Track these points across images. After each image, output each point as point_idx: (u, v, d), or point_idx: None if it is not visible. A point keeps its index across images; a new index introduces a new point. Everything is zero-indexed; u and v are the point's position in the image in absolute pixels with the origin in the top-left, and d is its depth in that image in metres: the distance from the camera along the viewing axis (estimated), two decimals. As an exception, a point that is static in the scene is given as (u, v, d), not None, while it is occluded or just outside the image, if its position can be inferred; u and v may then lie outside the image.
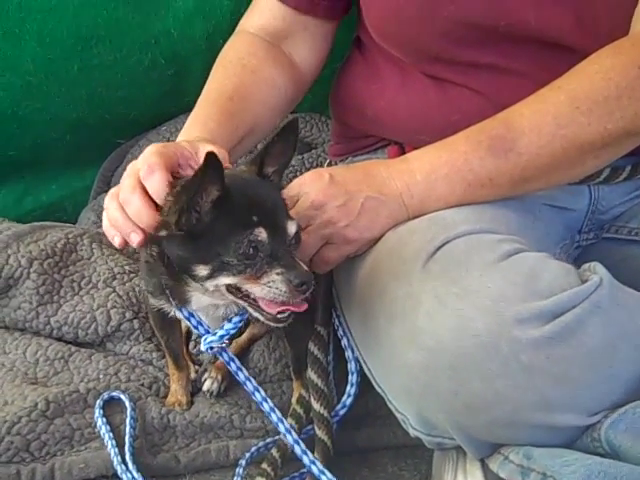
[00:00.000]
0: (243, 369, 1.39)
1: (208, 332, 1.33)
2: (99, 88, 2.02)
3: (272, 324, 1.22)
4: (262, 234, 1.15)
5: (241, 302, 1.22)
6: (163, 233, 1.19)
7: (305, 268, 1.16)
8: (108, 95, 2.04)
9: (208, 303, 1.29)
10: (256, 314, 1.21)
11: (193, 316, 1.34)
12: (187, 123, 1.46)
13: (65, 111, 2.04)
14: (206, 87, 1.57)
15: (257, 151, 1.27)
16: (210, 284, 1.19)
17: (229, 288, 1.19)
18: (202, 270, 1.17)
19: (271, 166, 1.26)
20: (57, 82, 1.97)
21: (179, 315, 1.37)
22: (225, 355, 1.37)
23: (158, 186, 1.19)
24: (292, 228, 1.19)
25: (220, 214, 1.15)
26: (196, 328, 1.35)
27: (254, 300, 1.19)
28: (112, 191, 1.25)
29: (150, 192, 1.19)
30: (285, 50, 1.68)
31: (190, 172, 1.22)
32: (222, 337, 1.31)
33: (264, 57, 1.62)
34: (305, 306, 1.18)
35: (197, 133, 1.38)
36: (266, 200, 1.19)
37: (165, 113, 2.17)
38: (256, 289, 1.16)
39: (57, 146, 2.11)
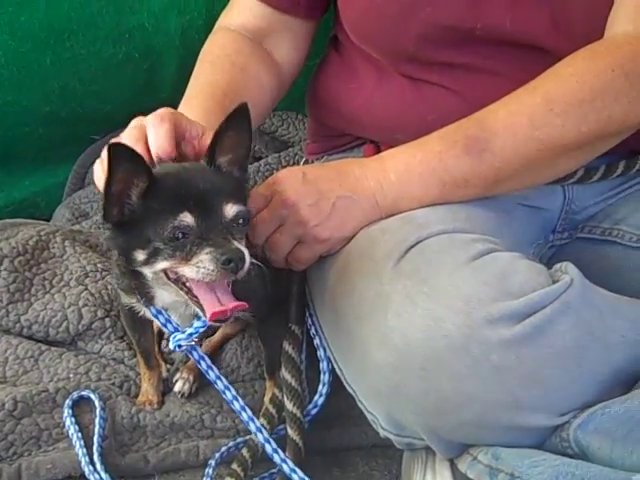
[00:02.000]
0: (213, 367, 1.37)
1: (177, 330, 1.32)
2: (72, 81, 2.00)
3: (207, 322, 1.20)
4: (187, 218, 1.14)
5: (181, 292, 1.21)
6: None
7: (237, 246, 1.14)
8: (81, 89, 2.02)
9: (172, 300, 1.28)
10: (196, 308, 1.21)
11: (161, 314, 1.32)
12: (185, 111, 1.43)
13: (38, 104, 2.02)
14: (195, 81, 1.56)
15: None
16: (148, 270, 1.20)
17: (168, 276, 1.19)
18: (140, 255, 1.18)
19: (224, 155, 1.24)
20: (29, 75, 1.96)
21: (148, 314, 1.35)
22: (195, 354, 1.36)
23: (163, 140, 1.21)
24: (231, 210, 1.17)
25: (150, 202, 1.16)
26: (164, 326, 1.33)
27: (191, 289, 1.18)
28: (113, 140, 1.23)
29: (153, 143, 1.21)
30: (267, 48, 1.67)
31: (189, 150, 1.26)
32: (191, 335, 1.29)
33: (250, 55, 1.62)
34: (235, 304, 1.16)
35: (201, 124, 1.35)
36: (197, 183, 1.18)
37: (139, 108, 2.11)
38: (186, 270, 1.15)
39: (30, 140, 2.09)
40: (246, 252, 1.15)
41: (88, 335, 1.66)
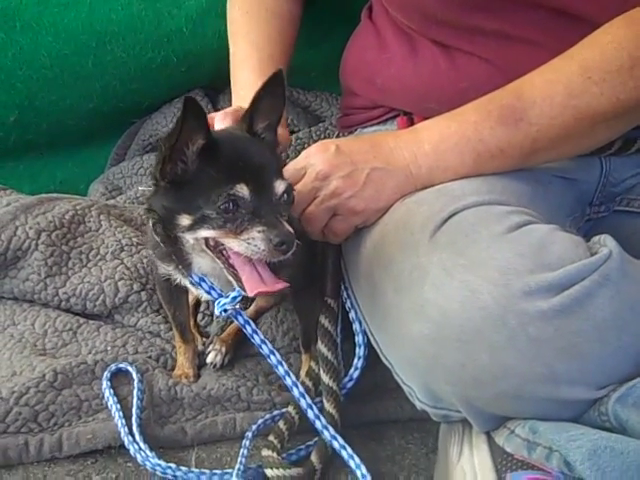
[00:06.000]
0: (259, 332, 1.39)
1: (221, 295, 1.33)
2: (113, 82, 2.07)
3: (242, 292, 1.22)
4: (243, 189, 1.14)
5: (218, 261, 1.21)
6: (152, 187, 1.22)
7: (288, 228, 1.15)
8: (122, 88, 2.09)
9: (210, 267, 1.28)
10: (230, 278, 1.21)
11: (204, 281, 1.33)
12: (240, 81, 1.63)
13: (80, 102, 2.09)
14: (238, 37, 1.70)
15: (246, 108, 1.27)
16: (190, 236, 1.20)
17: (208, 243, 1.20)
18: (185, 220, 1.17)
19: (261, 122, 1.25)
20: (72, 76, 2.02)
21: (188, 283, 1.36)
22: (240, 318, 1.38)
23: None
24: (280, 187, 1.18)
25: (204, 165, 1.15)
26: (209, 293, 1.34)
27: (228, 259, 1.19)
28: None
29: None
30: None
31: None
32: (234, 299, 1.30)
33: None
34: (280, 286, 1.18)
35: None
36: (253, 156, 1.19)
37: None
38: (234, 244, 1.16)
39: (73, 130, 2.16)
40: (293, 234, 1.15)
41: (124, 308, 1.68)
